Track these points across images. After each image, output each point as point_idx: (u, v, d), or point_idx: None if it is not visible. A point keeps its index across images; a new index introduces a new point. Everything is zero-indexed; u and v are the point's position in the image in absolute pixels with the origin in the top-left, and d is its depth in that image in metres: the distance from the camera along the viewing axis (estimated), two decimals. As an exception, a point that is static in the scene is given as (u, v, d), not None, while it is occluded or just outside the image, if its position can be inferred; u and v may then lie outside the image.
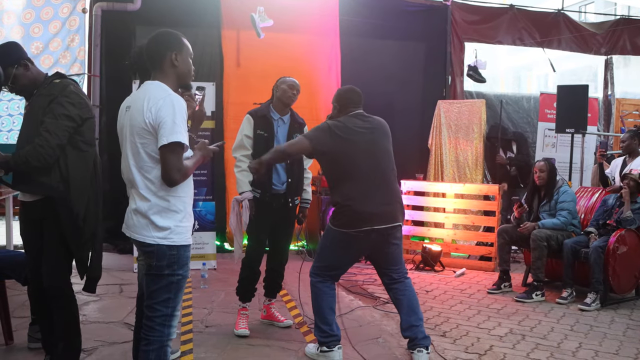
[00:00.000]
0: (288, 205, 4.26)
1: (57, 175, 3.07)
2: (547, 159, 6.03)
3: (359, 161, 3.61)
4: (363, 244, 3.66)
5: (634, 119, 8.95)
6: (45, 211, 3.09)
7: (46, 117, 3.03)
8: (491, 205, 6.77)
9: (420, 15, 8.27)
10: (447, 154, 7.70)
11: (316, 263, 3.80)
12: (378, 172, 3.66)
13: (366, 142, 3.65)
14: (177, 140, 2.48)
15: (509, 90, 22.04)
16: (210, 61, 7.27)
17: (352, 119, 3.72)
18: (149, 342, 2.63)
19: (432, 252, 6.58)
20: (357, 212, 3.56)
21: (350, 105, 3.78)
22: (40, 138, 2.99)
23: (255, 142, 4.18)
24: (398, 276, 3.80)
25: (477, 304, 5.22)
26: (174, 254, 2.60)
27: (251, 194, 4.15)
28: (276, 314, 4.43)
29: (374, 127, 3.74)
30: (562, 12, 9.04)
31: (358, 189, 3.57)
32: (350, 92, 3.86)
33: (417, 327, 3.71)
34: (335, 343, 3.69)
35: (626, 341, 4.33)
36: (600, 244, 5.23)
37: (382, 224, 3.59)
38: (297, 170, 4.28)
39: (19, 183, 3.17)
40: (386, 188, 3.67)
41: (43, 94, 3.10)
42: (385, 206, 3.63)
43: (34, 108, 3.11)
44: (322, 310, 3.72)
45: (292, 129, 4.27)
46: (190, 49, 2.75)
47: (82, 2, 6.99)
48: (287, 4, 7.35)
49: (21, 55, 3.22)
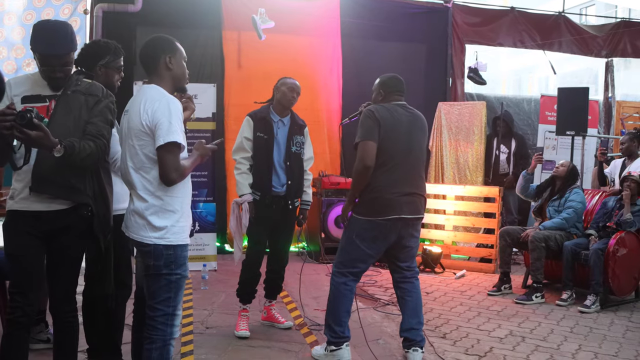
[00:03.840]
0: (288, 207, 4.24)
1: (91, 182, 2.81)
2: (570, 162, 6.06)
3: (396, 151, 3.61)
4: (389, 234, 3.64)
5: (634, 121, 8.95)
6: (68, 223, 2.75)
7: (97, 120, 2.77)
8: (491, 207, 6.78)
9: (421, 17, 8.28)
10: (447, 156, 7.71)
11: (339, 258, 3.76)
12: (410, 163, 3.68)
13: (406, 133, 3.66)
14: (173, 140, 2.54)
15: (509, 93, 22.12)
16: (211, 62, 7.28)
17: (397, 107, 3.72)
18: (152, 340, 2.67)
19: (432, 253, 6.58)
20: (386, 200, 3.57)
21: (395, 93, 3.78)
22: (100, 141, 2.73)
23: (255, 144, 4.18)
24: (411, 274, 3.84)
25: (477, 306, 5.22)
26: (170, 253, 2.64)
27: (251, 196, 4.15)
28: (277, 315, 4.43)
29: (415, 120, 3.76)
30: (562, 14, 9.05)
31: (391, 178, 3.58)
32: (395, 80, 3.84)
33: (417, 330, 3.75)
34: (345, 342, 3.71)
35: (626, 343, 4.33)
36: (600, 246, 5.23)
37: (409, 213, 3.63)
38: (297, 172, 4.26)
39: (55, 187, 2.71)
40: (416, 179, 3.72)
41: (79, 91, 2.78)
42: (413, 197, 3.67)
43: (69, 104, 2.75)
44: (338, 312, 3.70)
45: (292, 131, 4.26)
46: (184, 53, 2.79)
47: (84, 3, 6.99)
48: (288, 6, 7.36)
49: None
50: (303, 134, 4.33)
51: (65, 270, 2.81)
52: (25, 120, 2.44)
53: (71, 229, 2.75)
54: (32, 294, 2.73)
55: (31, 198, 2.70)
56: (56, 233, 2.74)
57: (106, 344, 3.30)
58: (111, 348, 3.31)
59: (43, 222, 2.72)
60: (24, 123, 2.45)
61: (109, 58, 3.18)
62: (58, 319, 2.85)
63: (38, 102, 2.74)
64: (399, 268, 3.82)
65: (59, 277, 2.81)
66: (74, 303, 2.88)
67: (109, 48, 3.21)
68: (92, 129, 2.74)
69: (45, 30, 2.72)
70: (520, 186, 5.93)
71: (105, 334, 3.29)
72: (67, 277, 2.83)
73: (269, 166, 4.17)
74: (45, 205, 2.71)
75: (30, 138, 2.49)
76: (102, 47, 3.22)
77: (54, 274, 2.81)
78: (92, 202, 2.78)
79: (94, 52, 3.19)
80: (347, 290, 3.72)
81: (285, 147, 4.22)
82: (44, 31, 2.71)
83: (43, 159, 2.65)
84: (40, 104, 2.74)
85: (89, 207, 2.77)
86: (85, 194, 2.75)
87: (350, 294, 3.73)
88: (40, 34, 2.70)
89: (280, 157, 4.20)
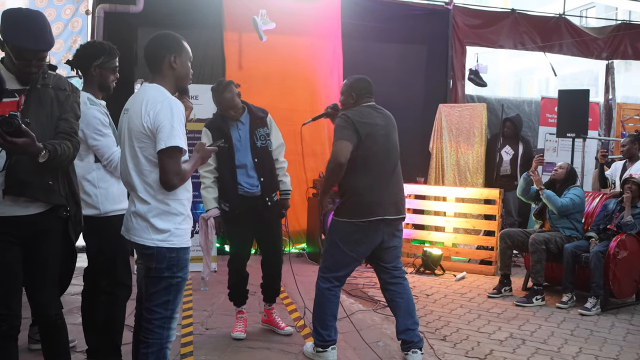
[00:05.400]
0: (267, 205, 4.08)
1: (63, 182, 2.71)
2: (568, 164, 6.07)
3: (374, 153, 3.64)
4: (373, 236, 3.67)
5: (634, 123, 8.95)
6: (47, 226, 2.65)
7: (69, 116, 2.67)
8: (492, 209, 6.77)
9: (422, 19, 8.28)
10: (448, 158, 7.71)
11: (324, 263, 3.80)
12: (389, 164, 3.72)
13: (383, 135, 3.69)
14: (175, 145, 2.49)
15: (510, 94, 22.14)
16: (212, 63, 7.27)
17: (369, 110, 3.73)
18: (148, 344, 2.64)
19: (432, 255, 6.57)
20: (368, 203, 3.61)
21: (365, 95, 3.79)
22: (75, 139, 2.66)
23: (217, 154, 3.92)
24: (399, 273, 3.85)
25: (477, 308, 5.21)
26: (173, 256, 2.61)
27: (217, 211, 4.01)
28: (277, 319, 4.33)
29: (388, 120, 3.79)
30: (563, 16, 9.05)
31: (371, 180, 3.61)
32: (364, 82, 3.86)
33: (413, 330, 3.77)
34: (330, 345, 3.75)
35: (626, 346, 4.33)
36: (600, 249, 5.23)
37: (390, 214, 3.67)
38: (267, 166, 4.10)
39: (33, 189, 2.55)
40: (395, 180, 3.75)
41: (47, 85, 2.67)
42: (394, 197, 3.71)
43: (40, 99, 2.63)
44: (324, 316, 3.74)
45: (253, 126, 4.08)
46: (190, 53, 2.74)
47: (85, 3, 7.00)
48: (289, 7, 7.36)
49: None
50: (267, 125, 4.15)
51: (49, 274, 2.71)
52: (13, 128, 2.27)
53: (50, 231, 2.66)
54: (16, 304, 2.62)
55: (5, 202, 2.53)
56: (37, 237, 2.62)
57: (106, 345, 3.29)
58: (111, 349, 3.30)
59: (22, 227, 2.57)
60: (12, 130, 2.27)
61: (103, 58, 3.18)
62: (47, 324, 2.76)
63: (7, 96, 2.54)
64: (387, 268, 3.85)
65: (44, 282, 2.69)
66: (60, 305, 2.83)
67: (104, 49, 3.22)
68: (66, 126, 2.64)
69: (29, 22, 2.54)
70: (521, 188, 5.93)
71: (105, 335, 3.28)
72: (52, 280, 2.74)
73: (232, 172, 4.01)
74: (22, 209, 2.56)
75: (17, 146, 2.32)
76: (97, 47, 3.22)
77: (38, 280, 2.68)
78: (66, 202, 2.69)
79: (89, 52, 3.20)
80: (332, 295, 3.75)
81: (249, 145, 4.05)
82: (27, 23, 2.52)
83: (18, 161, 2.49)
84: (9, 99, 2.55)
85: (66, 208, 2.69)
86: (60, 195, 2.65)
87: (335, 299, 3.77)
88: (23, 26, 2.51)
89: (246, 158, 4.04)
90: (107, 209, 3.18)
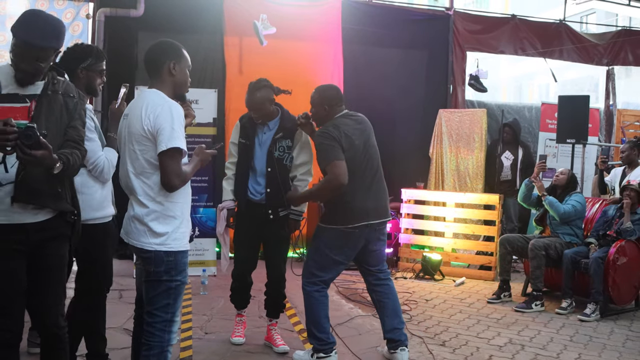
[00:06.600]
0: (269, 217, 3.91)
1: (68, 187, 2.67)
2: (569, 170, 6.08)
3: (357, 163, 3.68)
4: (357, 241, 3.72)
5: (634, 129, 8.96)
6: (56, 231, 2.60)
7: (77, 124, 2.64)
8: (491, 214, 6.77)
9: (422, 24, 8.30)
10: (447, 163, 7.71)
11: (309, 269, 3.80)
12: (371, 169, 3.76)
13: (362, 144, 3.72)
14: (176, 146, 2.54)
15: (510, 100, 22.14)
16: (212, 68, 7.29)
17: (345, 120, 3.75)
18: (150, 347, 2.66)
19: (432, 261, 6.57)
20: (354, 209, 3.65)
21: (337, 104, 3.80)
22: (83, 147, 2.64)
23: (239, 149, 4.00)
24: (384, 275, 3.93)
25: (476, 314, 5.21)
26: (171, 259, 2.63)
27: (231, 202, 4.02)
28: (275, 337, 4.12)
29: (364, 125, 3.81)
30: (563, 22, 9.08)
31: (354, 187, 3.63)
32: (334, 90, 3.89)
33: (400, 329, 3.86)
34: (332, 349, 3.75)
35: (625, 352, 4.32)
36: (600, 255, 5.23)
37: (375, 219, 3.72)
38: (280, 180, 3.89)
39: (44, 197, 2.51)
40: (378, 184, 3.79)
41: (57, 91, 2.61)
42: (377, 202, 3.76)
43: (51, 106, 2.57)
44: (318, 319, 3.74)
45: (277, 134, 3.92)
46: (189, 61, 2.80)
47: (86, 7, 7.03)
48: (290, 12, 7.37)
49: None
50: (292, 138, 3.96)
51: (58, 280, 2.66)
52: (32, 141, 2.21)
53: (59, 237, 2.62)
54: (18, 312, 2.57)
55: (14, 210, 2.47)
56: (46, 243, 2.57)
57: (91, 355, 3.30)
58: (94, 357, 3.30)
59: (31, 234, 2.51)
60: (31, 143, 2.21)
61: (90, 61, 3.15)
62: (55, 336, 2.66)
63: (17, 102, 2.50)
64: (372, 270, 3.91)
65: (54, 290, 2.63)
66: (63, 313, 2.74)
67: (91, 51, 3.20)
68: (74, 134, 2.60)
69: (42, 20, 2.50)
70: (522, 194, 5.93)
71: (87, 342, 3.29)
72: (61, 288, 2.69)
73: (246, 173, 3.96)
74: (31, 217, 2.51)
75: (35, 159, 2.25)
76: (84, 49, 3.21)
77: (47, 288, 2.61)
78: (72, 207, 2.65)
79: (76, 55, 3.17)
80: (321, 295, 3.77)
81: (267, 153, 3.92)
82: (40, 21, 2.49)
83: (29, 170, 2.44)
84: (21, 104, 2.50)
85: (74, 212, 2.65)
86: (67, 201, 2.61)
87: (324, 299, 3.78)
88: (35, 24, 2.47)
89: (261, 163, 3.93)
90: (86, 216, 2.96)
